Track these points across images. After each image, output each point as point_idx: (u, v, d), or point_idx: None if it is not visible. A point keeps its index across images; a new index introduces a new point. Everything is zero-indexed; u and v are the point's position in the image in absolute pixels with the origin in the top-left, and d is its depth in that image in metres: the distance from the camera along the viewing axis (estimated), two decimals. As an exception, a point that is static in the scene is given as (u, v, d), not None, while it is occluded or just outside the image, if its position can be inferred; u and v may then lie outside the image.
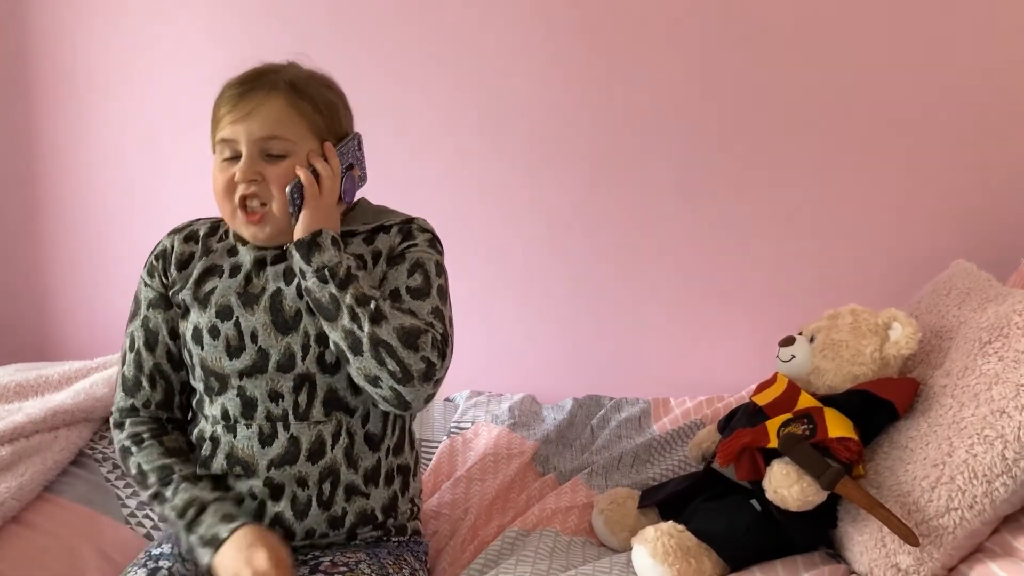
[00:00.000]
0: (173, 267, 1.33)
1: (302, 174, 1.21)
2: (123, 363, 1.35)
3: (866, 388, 1.36)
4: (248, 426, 1.26)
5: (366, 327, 1.17)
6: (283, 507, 1.26)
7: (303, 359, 1.25)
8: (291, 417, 1.26)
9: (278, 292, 1.27)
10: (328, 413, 1.27)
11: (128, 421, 1.32)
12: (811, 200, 2.04)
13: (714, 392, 2.03)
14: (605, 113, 2.10)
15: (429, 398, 1.22)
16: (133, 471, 1.28)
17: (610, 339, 2.20)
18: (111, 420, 1.35)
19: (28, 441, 1.60)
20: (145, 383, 1.33)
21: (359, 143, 1.33)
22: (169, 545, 1.31)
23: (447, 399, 2.13)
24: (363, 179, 1.35)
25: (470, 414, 1.98)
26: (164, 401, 1.34)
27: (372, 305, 1.18)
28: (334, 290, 1.19)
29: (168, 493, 1.23)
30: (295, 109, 1.22)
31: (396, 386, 1.18)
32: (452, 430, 1.90)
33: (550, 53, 2.10)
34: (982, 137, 1.94)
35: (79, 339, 2.53)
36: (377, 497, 1.31)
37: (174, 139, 2.34)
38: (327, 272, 1.19)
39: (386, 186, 2.19)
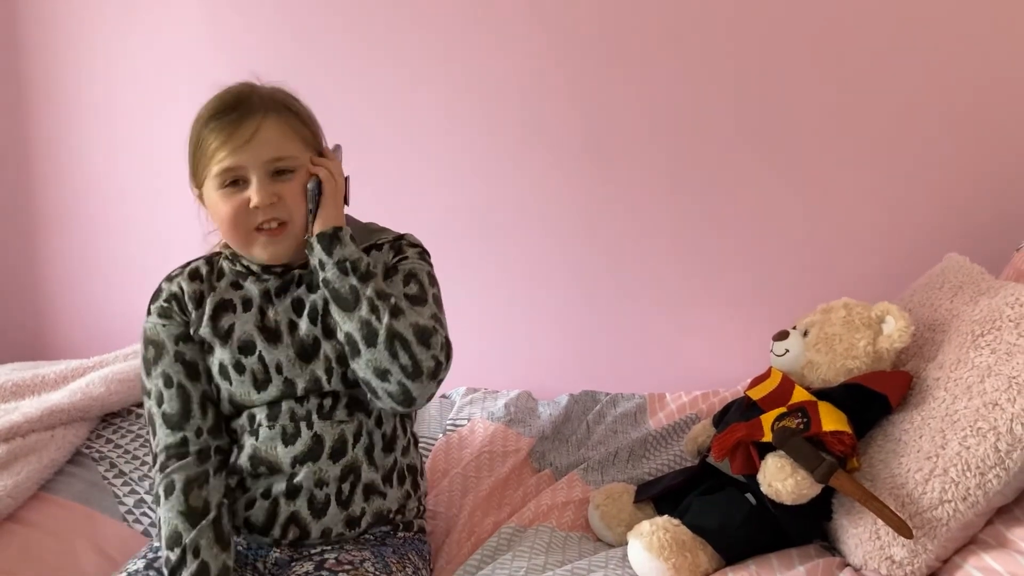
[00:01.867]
0: (190, 305, 1.32)
1: (321, 172, 1.25)
2: (160, 404, 1.29)
3: (859, 381, 1.36)
4: (271, 427, 1.28)
5: (384, 319, 1.20)
6: (299, 505, 1.27)
7: (329, 381, 1.28)
8: (315, 416, 1.28)
9: (293, 325, 1.30)
10: (351, 414, 1.30)
11: (173, 465, 1.26)
12: (805, 195, 2.05)
13: (709, 387, 2.04)
14: (601, 109, 2.10)
15: (431, 397, 1.25)
16: (157, 519, 1.26)
17: (605, 335, 2.20)
18: (157, 465, 1.28)
19: (24, 440, 1.60)
20: (196, 410, 1.29)
21: (341, 154, 1.36)
22: None
23: (443, 396, 2.13)
24: None
25: (466, 411, 1.98)
26: (215, 426, 1.31)
27: (392, 300, 1.21)
28: (355, 282, 1.22)
29: (172, 556, 1.21)
30: (289, 126, 1.25)
31: (405, 381, 1.20)
32: (448, 427, 1.90)
33: (547, 48, 2.10)
34: (974, 130, 1.95)
35: (75, 338, 2.52)
36: (393, 497, 1.33)
37: (169, 137, 2.33)
38: (348, 265, 1.22)
39: (383, 182, 2.21)
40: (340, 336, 1.24)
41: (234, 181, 1.23)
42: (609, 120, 2.10)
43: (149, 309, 1.34)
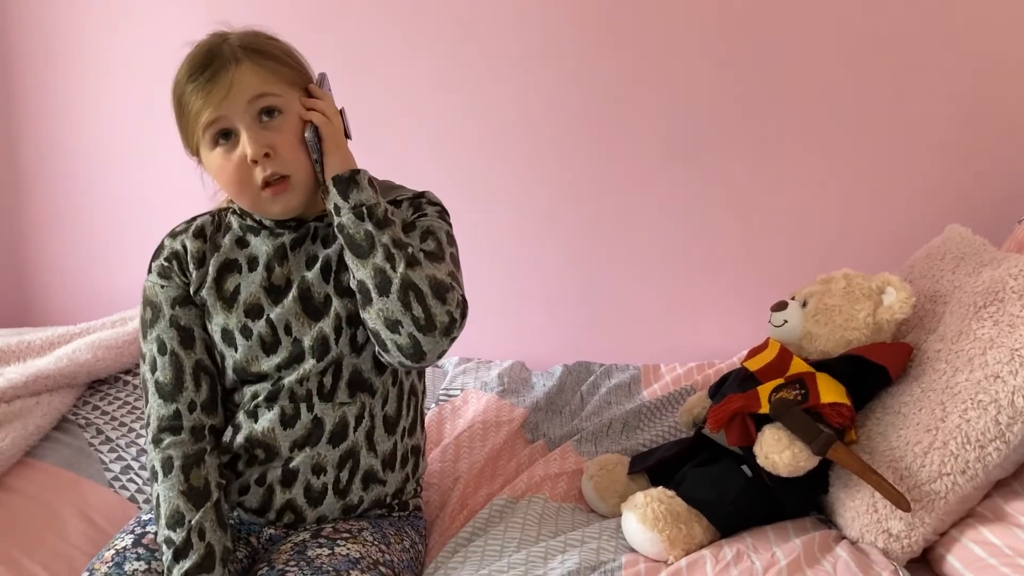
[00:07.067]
0: (191, 266, 1.26)
1: (314, 117, 1.19)
2: (153, 370, 1.25)
3: (859, 353, 1.34)
4: (270, 408, 1.24)
5: (400, 268, 1.14)
6: (295, 493, 1.25)
7: (336, 342, 1.23)
8: (315, 398, 1.24)
9: (304, 280, 1.24)
10: (353, 394, 1.25)
11: (167, 440, 1.23)
12: (803, 165, 2.03)
13: (705, 358, 2.02)
14: (595, 83, 2.07)
15: (442, 354, 1.19)
16: (152, 498, 1.23)
17: (600, 305, 2.19)
18: (149, 436, 1.25)
19: (9, 406, 1.59)
20: (188, 382, 1.24)
21: (328, 83, 1.29)
22: None
23: (436, 365, 2.11)
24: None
25: (459, 381, 1.96)
26: (209, 400, 1.26)
27: (409, 249, 1.16)
28: (371, 228, 1.16)
29: (174, 537, 1.17)
30: (265, 68, 1.18)
31: (416, 334, 1.14)
32: (441, 397, 1.88)
33: (539, 21, 2.06)
34: (975, 102, 1.93)
35: (62, 305, 2.50)
36: (392, 482, 1.31)
37: (152, 105, 2.28)
38: (365, 210, 1.16)
39: (376, 155, 2.17)
40: (352, 283, 1.18)
41: (224, 134, 1.17)
42: (603, 92, 2.07)
43: (150, 267, 1.29)
